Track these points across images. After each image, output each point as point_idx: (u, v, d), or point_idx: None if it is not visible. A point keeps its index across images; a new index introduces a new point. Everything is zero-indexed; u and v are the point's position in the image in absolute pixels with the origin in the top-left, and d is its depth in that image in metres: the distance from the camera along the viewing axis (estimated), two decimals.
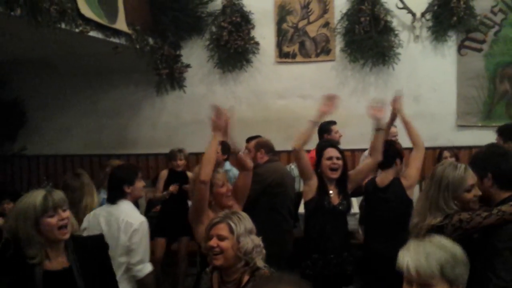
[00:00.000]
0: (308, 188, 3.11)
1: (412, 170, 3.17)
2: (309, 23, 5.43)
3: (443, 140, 5.09)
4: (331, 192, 3.07)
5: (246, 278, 2.05)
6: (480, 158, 2.26)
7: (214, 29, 5.52)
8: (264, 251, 2.11)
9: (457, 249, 1.52)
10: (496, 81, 5.25)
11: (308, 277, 3.02)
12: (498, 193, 2.15)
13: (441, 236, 1.66)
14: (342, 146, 4.06)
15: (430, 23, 5.19)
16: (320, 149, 3.17)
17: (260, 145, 3.85)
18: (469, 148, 5.01)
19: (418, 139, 3.16)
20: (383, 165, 3.21)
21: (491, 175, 2.16)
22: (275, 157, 3.91)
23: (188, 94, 5.66)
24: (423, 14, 5.14)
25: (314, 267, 3.01)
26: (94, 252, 2.15)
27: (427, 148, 4.23)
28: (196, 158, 5.10)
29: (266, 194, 3.54)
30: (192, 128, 5.56)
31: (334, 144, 3.30)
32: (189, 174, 4.18)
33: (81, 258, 2.07)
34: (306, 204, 3.19)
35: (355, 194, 3.40)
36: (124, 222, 2.62)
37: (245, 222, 2.09)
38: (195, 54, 5.65)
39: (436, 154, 4.36)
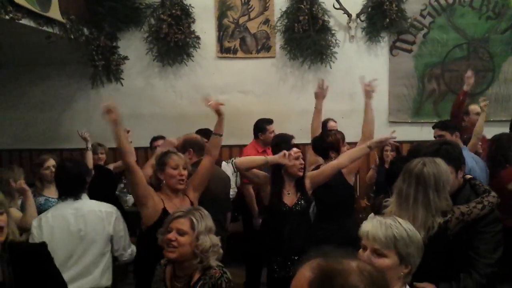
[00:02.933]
0: (264, 193, 3.22)
1: (343, 156, 3.35)
2: (249, 19, 5.58)
3: (376, 135, 5.41)
4: (288, 193, 3.13)
5: (197, 275, 2.09)
6: (452, 153, 2.34)
7: (153, 21, 5.50)
8: (221, 251, 2.16)
9: (416, 234, 1.67)
10: (424, 81, 5.70)
11: (276, 280, 3.10)
12: (455, 181, 2.30)
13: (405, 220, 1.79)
14: None
15: (364, 24, 5.54)
16: (286, 149, 3.20)
17: (188, 143, 3.46)
18: (400, 142, 5.39)
19: (369, 133, 3.52)
20: (322, 157, 3.43)
21: (454, 167, 2.28)
22: None
23: (125, 87, 5.60)
24: (358, 15, 5.47)
25: (280, 270, 3.06)
26: (35, 262, 1.99)
27: None
28: (136, 153, 5.06)
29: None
30: (131, 123, 5.47)
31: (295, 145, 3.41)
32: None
33: (19, 270, 1.90)
34: (264, 208, 3.30)
35: None
36: (104, 213, 2.68)
37: (206, 220, 2.13)
38: (133, 46, 5.61)
39: None
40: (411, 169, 2.15)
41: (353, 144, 5.29)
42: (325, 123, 4.64)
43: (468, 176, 2.42)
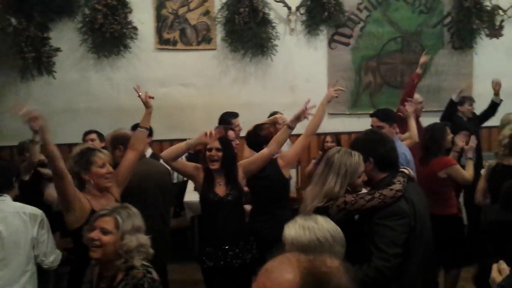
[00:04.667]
0: (197, 184, 3.26)
1: (290, 152, 3.55)
2: (189, 10, 5.56)
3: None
4: (219, 183, 3.16)
5: (120, 276, 2.05)
6: (361, 144, 2.46)
7: (87, 11, 5.33)
8: (150, 250, 2.13)
9: (337, 231, 1.74)
10: (361, 73, 5.96)
11: (207, 270, 3.16)
12: (377, 174, 2.41)
13: (325, 217, 1.88)
14: None
15: (304, 17, 5.68)
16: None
17: (118, 140, 3.33)
18: (339, 134, 5.62)
19: (313, 129, 3.56)
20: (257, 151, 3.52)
21: (372, 159, 2.38)
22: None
23: (58, 81, 5.41)
24: (297, 8, 5.60)
25: (209, 260, 3.10)
26: None
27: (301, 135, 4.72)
28: (69, 149, 4.92)
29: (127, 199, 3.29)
30: (65, 118, 5.35)
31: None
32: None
33: None
34: (200, 199, 3.31)
35: None
36: (28, 214, 2.58)
37: (134, 219, 2.09)
38: (66, 37, 5.42)
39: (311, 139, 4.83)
40: (328, 153, 2.40)
41: (294, 137, 5.48)
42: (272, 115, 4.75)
43: (405, 170, 2.48)
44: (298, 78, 5.80)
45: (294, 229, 1.70)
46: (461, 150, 4.02)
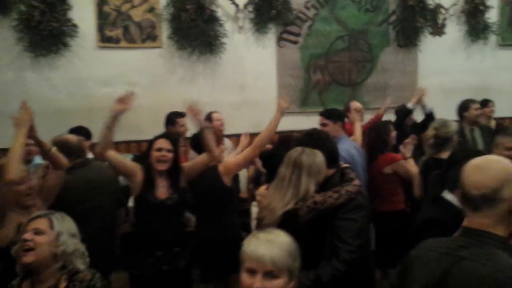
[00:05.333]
0: (133, 184, 3.06)
1: (232, 161, 3.44)
2: (133, 7, 5.38)
3: (265, 126, 5.57)
4: (160, 186, 3.01)
5: (63, 283, 1.89)
6: (310, 141, 2.49)
7: (23, 8, 5.04)
8: (87, 259, 2.01)
9: (293, 243, 1.65)
10: (310, 72, 5.99)
11: (137, 278, 2.98)
12: (326, 170, 2.43)
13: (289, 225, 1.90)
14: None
15: (252, 15, 5.64)
16: (151, 140, 3.15)
17: (56, 146, 3.13)
18: (290, 132, 5.62)
19: (262, 142, 3.42)
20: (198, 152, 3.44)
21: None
22: (83, 159, 3.42)
23: None
24: (245, 6, 5.55)
25: (141, 267, 2.94)
26: None
27: (253, 134, 4.67)
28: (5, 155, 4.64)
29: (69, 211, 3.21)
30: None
31: (168, 135, 3.29)
32: None
33: None
34: (134, 200, 3.14)
35: None
36: None
37: (68, 224, 1.98)
38: (0, 36, 5.09)
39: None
40: (291, 155, 2.39)
41: (237, 137, 5.43)
42: (209, 115, 4.69)
43: (344, 165, 2.57)
44: (247, 77, 5.76)
45: (263, 247, 1.55)
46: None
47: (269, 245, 1.54)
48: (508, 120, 6.21)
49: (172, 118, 4.55)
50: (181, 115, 4.56)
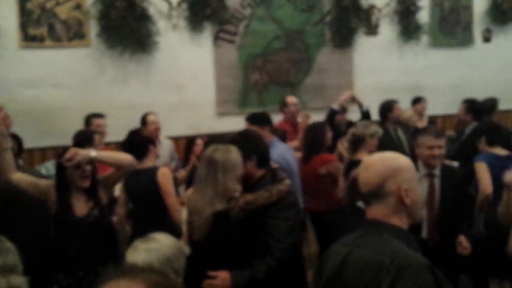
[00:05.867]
0: (50, 203, 2.72)
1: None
2: (58, 4, 5.08)
3: (204, 127, 5.48)
4: (78, 202, 2.73)
5: None
6: (243, 143, 2.48)
7: None
8: None
9: (178, 244, 1.80)
10: (248, 72, 5.93)
11: None
12: (257, 171, 2.48)
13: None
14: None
15: (186, 13, 5.49)
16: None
17: None
18: (229, 133, 5.53)
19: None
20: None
21: (255, 157, 2.46)
22: None
23: None
24: (179, 4, 5.40)
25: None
26: None
27: (190, 137, 4.54)
28: None
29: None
30: None
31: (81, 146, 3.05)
32: None
33: None
34: (52, 220, 2.80)
35: None
36: None
37: (6, 257, 1.74)
38: None
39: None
40: (205, 154, 2.44)
41: (175, 139, 5.28)
42: (144, 118, 4.50)
43: (275, 165, 2.62)
44: (184, 77, 5.60)
45: (138, 256, 1.71)
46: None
47: (146, 254, 1.68)
48: (440, 118, 6.45)
49: (89, 120, 4.31)
50: (98, 116, 4.32)
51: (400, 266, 1.37)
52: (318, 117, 5.34)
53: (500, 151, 3.59)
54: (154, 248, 1.70)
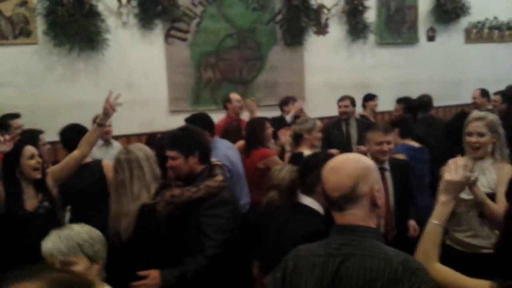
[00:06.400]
0: None
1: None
2: (2, 0, 4.93)
3: (157, 125, 5.45)
4: (27, 196, 2.76)
5: None
6: (186, 138, 2.52)
7: None
8: None
9: (94, 231, 1.85)
10: (201, 69, 5.96)
11: None
12: (198, 166, 2.50)
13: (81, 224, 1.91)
14: (51, 138, 3.94)
15: (136, 10, 5.45)
16: (17, 148, 2.86)
17: None
18: None
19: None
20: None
21: (198, 152, 2.48)
22: None
23: None
24: (128, 1, 5.35)
25: None
26: None
27: (142, 134, 4.54)
28: None
29: None
30: None
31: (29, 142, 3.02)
32: None
33: None
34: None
35: None
36: None
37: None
38: None
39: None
40: (119, 157, 2.54)
41: (127, 138, 5.27)
42: (96, 118, 4.46)
43: (214, 161, 2.65)
44: (135, 75, 5.57)
45: (50, 242, 1.78)
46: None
47: (57, 239, 1.77)
48: (387, 114, 6.70)
49: (5, 121, 4.17)
50: (14, 116, 4.22)
51: (412, 268, 1.35)
52: (270, 113, 5.47)
53: (413, 143, 3.80)
54: (66, 234, 1.77)
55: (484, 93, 5.86)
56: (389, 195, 3.02)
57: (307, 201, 2.18)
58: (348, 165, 1.49)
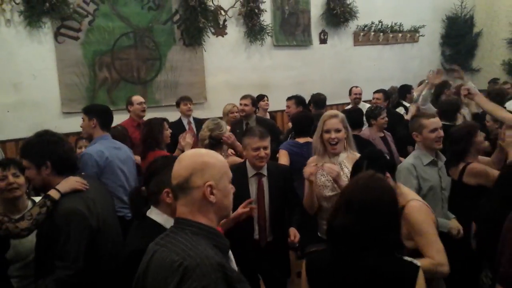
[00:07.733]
0: None
1: None
2: None
3: (49, 128, 5.15)
4: None
5: None
6: (36, 148, 2.29)
7: None
8: None
9: None
10: (95, 69, 5.79)
11: None
12: (56, 179, 2.30)
13: None
14: None
15: (21, 8, 5.17)
16: None
17: None
18: (77, 133, 5.34)
19: None
20: None
21: (50, 163, 2.27)
22: None
23: None
24: None
25: None
26: None
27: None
28: None
29: None
30: None
31: None
32: None
33: None
34: None
35: None
36: None
37: None
38: None
39: None
40: None
41: (15, 142, 4.98)
42: None
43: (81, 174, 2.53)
44: (23, 74, 5.28)
45: None
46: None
47: None
48: (281, 113, 6.95)
49: None
50: None
51: (188, 266, 1.36)
52: (171, 114, 5.48)
53: (301, 139, 4.00)
54: None
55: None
56: (264, 201, 2.96)
57: (154, 212, 2.00)
58: (189, 157, 1.55)
